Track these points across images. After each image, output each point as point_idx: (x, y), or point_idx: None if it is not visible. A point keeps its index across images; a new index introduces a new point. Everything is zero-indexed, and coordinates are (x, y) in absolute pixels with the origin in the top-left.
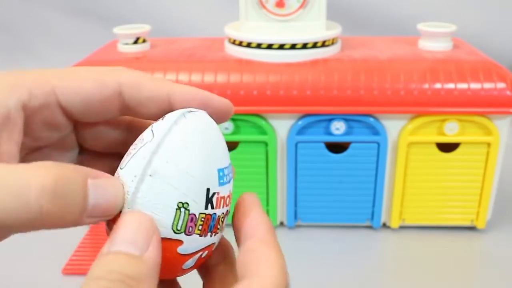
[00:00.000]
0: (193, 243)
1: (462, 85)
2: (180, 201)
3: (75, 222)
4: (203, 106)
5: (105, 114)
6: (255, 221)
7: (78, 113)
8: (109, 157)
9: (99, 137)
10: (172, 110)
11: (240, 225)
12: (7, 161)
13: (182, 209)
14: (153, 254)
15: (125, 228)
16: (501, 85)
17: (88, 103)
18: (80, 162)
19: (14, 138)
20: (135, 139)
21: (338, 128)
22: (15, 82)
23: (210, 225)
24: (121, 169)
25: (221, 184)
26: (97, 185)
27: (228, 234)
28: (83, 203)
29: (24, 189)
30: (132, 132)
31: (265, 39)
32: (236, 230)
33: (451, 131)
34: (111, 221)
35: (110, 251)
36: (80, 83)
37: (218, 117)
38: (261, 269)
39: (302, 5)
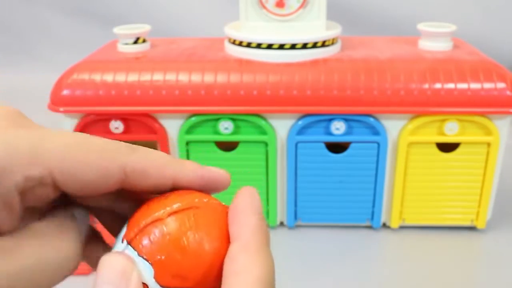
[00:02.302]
0: None
1: (462, 85)
2: None
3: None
4: (206, 186)
5: (103, 194)
6: (240, 222)
7: (74, 194)
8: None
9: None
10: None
11: (230, 226)
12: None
13: None
14: None
15: (104, 270)
16: (501, 85)
17: (87, 190)
18: None
19: (14, 218)
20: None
21: (338, 128)
22: (7, 165)
23: None
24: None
25: None
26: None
27: None
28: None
29: None
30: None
31: (265, 39)
32: (229, 229)
33: (451, 131)
34: None
35: None
36: (82, 171)
37: (217, 190)
38: (235, 283)
39: (302, 5)
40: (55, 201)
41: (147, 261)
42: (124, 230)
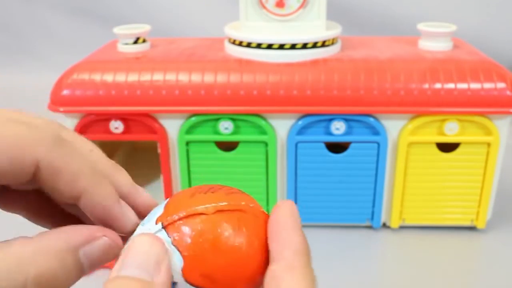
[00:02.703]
0: None
1: (462, 85)
2: None
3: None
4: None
5: (22, 183)
6: (283, 240)
7: None
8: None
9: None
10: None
11: (270, 242)
12: None
13: None
14: (163, 279)
15: (135, 251)
16: (501, 85)
17: (5, 178)
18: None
19: None
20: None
21: (338, 128)
22: None
23: None
24: (142, 225)
25: None
26: (90, 253)
27: None
28: (79, 275)
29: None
30: None
31: (265, 39)
32: (268, 244)
33: (451, 131)
34: None
35: (120, 275)
36: None
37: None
38: None
39: (302, 5)
40: None
41: (180, 252)
42: (159, 211)
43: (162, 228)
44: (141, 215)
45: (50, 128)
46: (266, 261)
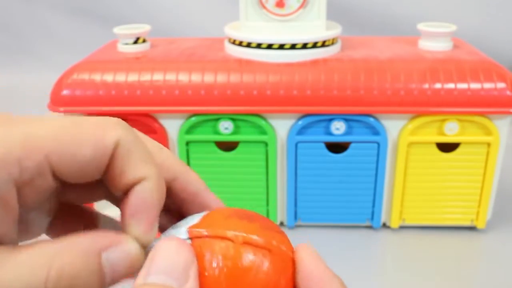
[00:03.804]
0: None
1: (462, 85)
2: None
3: None
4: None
5: (95, 176)
6: (323, 282)
7: (70, 178)
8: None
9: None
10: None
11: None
12: (8, 243)
13: None
14: (192, 287)
15: (162, 256)
16: (501, 85)
17: (85, 170)
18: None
19: (10, 217)
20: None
21: (338, 128)
22: (1, 155)
23: None
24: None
25: None
26: (112, 259)
27: None
28: (100, 283)
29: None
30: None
31: (265, 39)
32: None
33: (451, 131)
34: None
35: (147, 283)
36: (79, 149)
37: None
38: None
39: (302, 5)
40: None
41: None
42: (193, 220)
43: (189, 238)
44: None
45: (122, 121)
46: None
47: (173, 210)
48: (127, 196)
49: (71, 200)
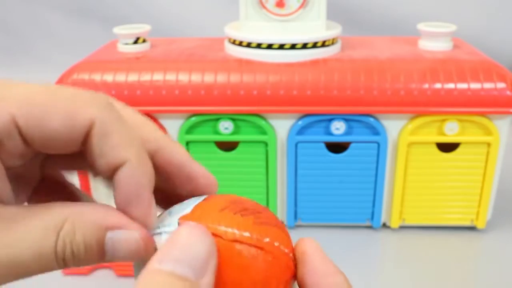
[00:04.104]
0: None
1: (462, 85)
2: None
3: (94, 267)
4: (184, 178)
5: (70, 150)
6: (329, 277)
7: (41, 147)
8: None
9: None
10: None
11: (314, 283)
12: (7, 202)
13: None
14: (209, 282)
15: (183, 243)
16: (501, 85)
17: (54, 142)
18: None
19: (1, 174)
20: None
21: (338, 128)
22: None
23: None
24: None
25: None
26: (115, 240)
27: None
28: (101, 258)
29: (45, 257)
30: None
31: (265, 39)
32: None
33: (451, 131)
34: None
35: (162, 269)
36: (46, 119)
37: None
38: None
39: (302, 5)
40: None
41: None
42: (187, 208)
43: None
44: (202, 183)
45: (101, 94)
46: None
47: (162, 187)
48: (115, 187)
49: (53, 170)
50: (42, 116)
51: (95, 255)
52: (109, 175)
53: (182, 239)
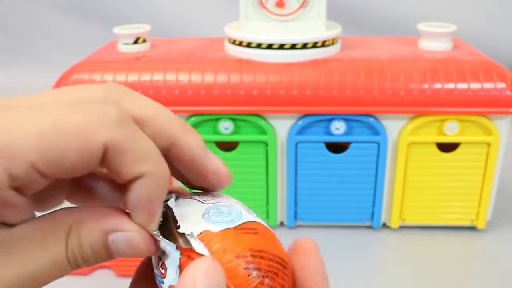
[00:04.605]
0: None
1: (462, 85)
2: None
3: (94, 267)
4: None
5: (91, 170)
6: (321, 285)
7: (64, 177)
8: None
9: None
10: None
11: (305, 283)
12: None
13: None
14: None
15: (201, 276)
16: (501, 85)
17: (75, 173)
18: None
19: (21, 211)
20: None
21: (338, 128)
22: None
23: None
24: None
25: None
26: (116, 243)
27: None
28: (109, 256)
29: (58, 266)
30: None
31: (265, 39)
32: (298, 283)
33: (451, 131)
34: None
35: None
36: (62, 159)
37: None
38: None
39: (302, 5)
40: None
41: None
42: (202, 227)
43: (205, 248)
44: (211, 181)
45: (110, 107)
46: None
47: (179, 179)
48: (128, 191)
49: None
50: (58, 158)
51: (104, 257)
52: (126, 187)
53: (197, 275)
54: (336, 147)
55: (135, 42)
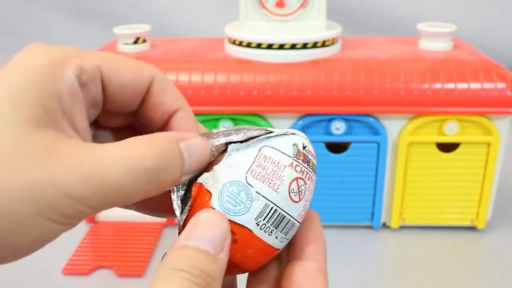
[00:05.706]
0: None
1: (462, 85)
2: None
3: (176, 183)
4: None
5: (129, 107)
6: (319, 245)
7: (113, 94)
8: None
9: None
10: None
11: (304, 243)
12: (85, 139)
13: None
14: (224, 257)
15: (204, 226)
16: (501, 85)
17: (124, 90)
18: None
19: (83, 113)
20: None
21: (338, 128)
22: (63, 58)
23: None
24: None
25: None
26: (189, 147)
27: None
28: (182, 165)
29: (134, 170)
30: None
31: (265, 39)
32: (296, 243)
33: (451, 131)
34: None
35: (188, 245)
36: (122, 68)
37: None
38: None
39: (302, 5)
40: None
41: None
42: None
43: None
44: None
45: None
46: None
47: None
48: (170, 128)
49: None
50: (119, 68)
51: (179, 163)
52: (163, 122)
53: (204, 221)
54: (336, 147)
55: (135, 42)
